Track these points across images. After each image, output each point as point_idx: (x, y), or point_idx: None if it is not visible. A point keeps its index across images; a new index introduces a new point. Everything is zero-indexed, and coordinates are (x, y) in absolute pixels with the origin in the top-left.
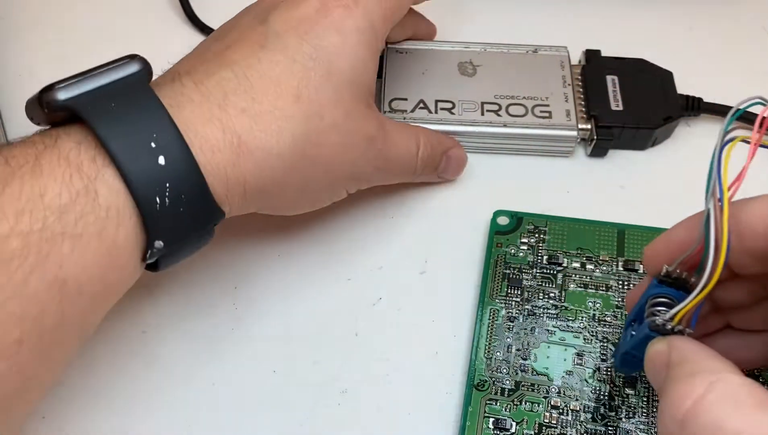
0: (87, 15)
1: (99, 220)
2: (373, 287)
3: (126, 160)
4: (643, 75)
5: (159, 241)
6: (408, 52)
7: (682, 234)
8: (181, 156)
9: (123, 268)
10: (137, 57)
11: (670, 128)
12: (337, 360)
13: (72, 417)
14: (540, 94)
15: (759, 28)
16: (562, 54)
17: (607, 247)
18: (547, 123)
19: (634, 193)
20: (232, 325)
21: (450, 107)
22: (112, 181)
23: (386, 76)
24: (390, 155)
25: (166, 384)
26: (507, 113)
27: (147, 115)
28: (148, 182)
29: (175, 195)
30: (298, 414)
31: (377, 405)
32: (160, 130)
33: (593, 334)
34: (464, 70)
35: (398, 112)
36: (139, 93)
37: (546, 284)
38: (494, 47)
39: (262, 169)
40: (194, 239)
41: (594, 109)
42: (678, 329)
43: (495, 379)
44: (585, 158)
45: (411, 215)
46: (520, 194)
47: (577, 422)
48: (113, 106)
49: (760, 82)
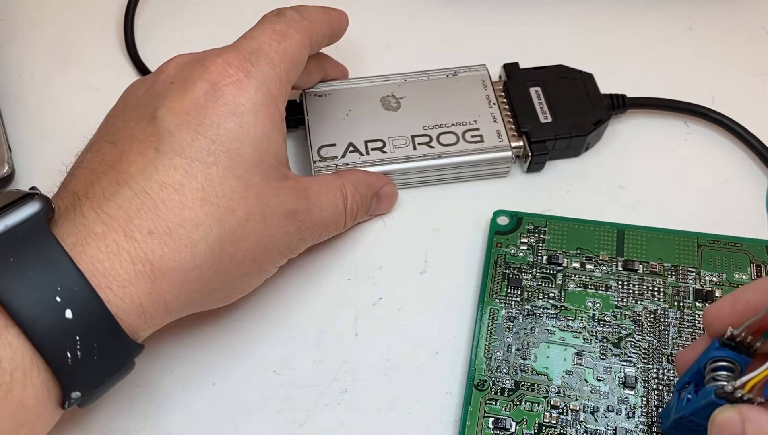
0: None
1: (3, 384)
2: (373, 287)
3: (29, 318)
4: (565, 81)
5: (76, 392)
6: (327, 95)
7: (750, 296)
8: (90, 305)
9: (36, 422)
10: (37, 195)
11: (600, 131)
12: (337, 360)
13: (72, 417)
14: (468, 118)
15: (759, 28)
16: (482, 73)
17: (606, 247)
18: (480, 147)
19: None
20: (232, 325)
21: (381, 146)
22: (15, 341)
23: (309, 124)
24: (315, 220)
25: (166, 384)
26: (439, 143)
27: (49, 267)
28: (55, 338)
29: (87, 346)
30: (298, 414)
31: (377, 405)
32: (65, 281)
33: (593, 334)
34: (388, 105)
35: (328, 160)
36: (40, 240)
37: (546, 284)
38: (413, 76)
39: (181, 286)
40: (114, 379)
41: (524, 125)
42: (748, 398)
43: (495, 379)
44: (522, 175)
45: (411, 215)
46: (520, 194)
47: (576, 422)
48: (11, 260)
49: (761, 82)
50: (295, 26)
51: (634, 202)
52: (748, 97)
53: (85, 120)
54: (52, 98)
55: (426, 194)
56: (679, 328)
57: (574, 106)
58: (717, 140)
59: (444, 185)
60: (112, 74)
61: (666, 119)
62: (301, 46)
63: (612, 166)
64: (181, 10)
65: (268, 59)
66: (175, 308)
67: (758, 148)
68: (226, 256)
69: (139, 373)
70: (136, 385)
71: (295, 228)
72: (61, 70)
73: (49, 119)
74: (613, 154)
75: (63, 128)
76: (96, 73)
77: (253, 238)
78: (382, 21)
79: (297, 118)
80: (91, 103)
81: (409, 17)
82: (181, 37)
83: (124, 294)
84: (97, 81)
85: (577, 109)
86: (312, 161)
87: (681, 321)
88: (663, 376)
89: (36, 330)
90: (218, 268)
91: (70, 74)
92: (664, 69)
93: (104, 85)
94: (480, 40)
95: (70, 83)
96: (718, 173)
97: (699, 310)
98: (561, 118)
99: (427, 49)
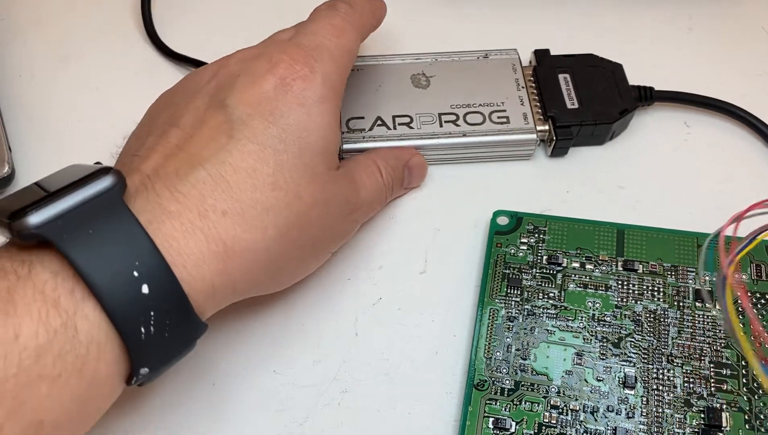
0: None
1: (79, 357)
2: (373, 287)
3: (108, 292)
4: (594, 70)
5: (144, 368)
6: (359, 69)
7: None
8: (166, 282)
9: (103, 397)
10: (110, 170)
11: (626, 120)
12: (337, 360)
13: None
14: (495, 99)
15: (759, 28)
16: (512, 57)
17: (606, 247)
18: (505, 128)
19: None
20: (232, 325)
21: (408, 122)
22: (92, 314)
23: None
24: (363, 200)
25: (166, 384)
26: (465, 122)
27: (127, 241)
28: (131, 313)
29: (160, 322)
30: (298, 414)
31: (377, 405)
32: (142, 256)
33: (593, 334)
34: (418, 83)
35: (356, 132)
36: (116, 214)
37: (545, 284)
38: (445, 56)
39: (250, 267)
40: (178, 357)
41: (551, 110)
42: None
43: (495, 379)
44: (546, 159)
45: (411, 215)
46: (520, 194)
47: (576, 422)
48: (90, 232)
49: (761, 82)
50: (348, 20)
51: (634, 202)
52: (748, 97)
53: (85, 120)
54: (53, 98)
55: (426, 194)
56: (679, 328)
57: (602, 95)
58: (717, 140)
59: (468, 164)
60: (112, 74)
61: (666, 119)
62: (356, 41)
63: (612, 166)
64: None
65: (329, 54)
66: (241, 290)
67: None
68: (291, 241)
69: None
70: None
71: (349, 211)
72: (62, 69)
73: (49, 119)
74: (613, 153)
75: (63, 128)
76: (96, 72)
77: (316, 224)
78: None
79: None
80: (92, 102)
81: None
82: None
83: (197, 273)
84: (98, 80)
85: (604, 97)
86: (341, 132)
87: (681, 321)
88: (663, 376)
89: (113, 304)
90: (283, 252)
91: (70, 74)
92: (664, 69)
93: (104, 84)
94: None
95: (71, 83)
96: (719, 173)
97: (699, 310)
98: (587, 105)
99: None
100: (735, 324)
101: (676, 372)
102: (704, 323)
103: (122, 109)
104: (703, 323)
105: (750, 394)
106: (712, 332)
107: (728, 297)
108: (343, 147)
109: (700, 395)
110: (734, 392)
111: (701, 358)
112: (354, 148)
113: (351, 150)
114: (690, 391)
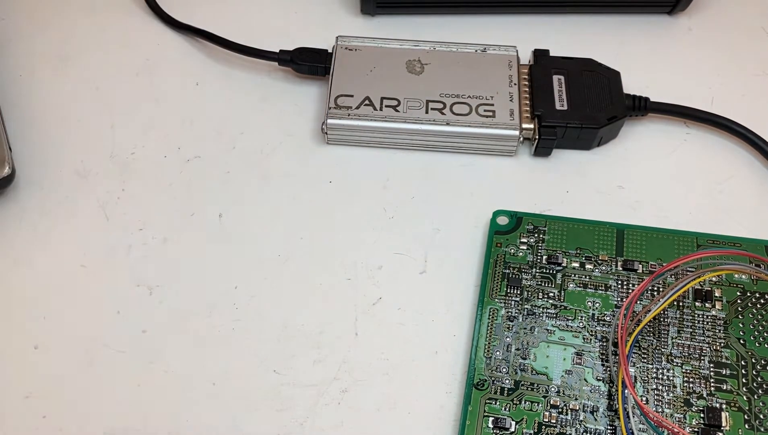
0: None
1: None
2: (373, 287)
3: None
4: (591, 75)
5: None
6: (357, 49)
7: None
8: None
9: None
10: None
11: (615, 128)
12: (337, 360)
13: (72, 416)
14: (485, 93)
15: (759, 28)
16: (510, 53)
17: (606, 247)
18: (489, 122)
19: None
20: (232, 325)
21: (395, 105)
22: None
23: (334, 73)
24: None
25: (166, 384)
26: (451, 112)
27: None
28: None
29: None
30: (298, 414)
31: (377, 405)
32: None
33: (592, 334)
34: (412, 69)
35: (343, 109)
36: None
37: (545, 284)
38: (443, 46)
39: None
40: None
41: (538, 109)
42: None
43: (495, 379)
44: (528, 158)
45: (411, 215)
46: (520, 194)
47: (576, 422)
48: None
49: (761, 82)
50: None
51: (634, 202)
52: (748, 97)
53: (85, 120)
54: (53, 98)
55: (426, 194)
56: (679, 328)
57: (593, 100)
58: (716, 140)
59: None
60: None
61: (666, 120)
62: None
63: (612, 167)
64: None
65: None
66: None
67: (763, 148)
68: None
69: (140, 373)
70: (137, 384)
71: None
72: (62, 69)
73: (49, 119)
74: (614, 154)
75: (63, 128)
76: (96, 72)
77: None
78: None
79: (324, 67)
80: (92, 102)
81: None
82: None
83: None
84: (98, 80)
85: (596, 102)
86: (327, 108)
87: (681, 321)
88: (663, 376)
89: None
90: None
91: (70, 74)
92: (664, 69)
93: (104, 84)
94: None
95: (71, 83)
96: (718, 173)
97: (699, 310)
98: (577, 108)
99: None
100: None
101: (675, 371)
102: (704, 323)
103: (122, 109)
104: (703, 323)
105: (749, 394)
106: (712, 332)
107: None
108: (328, 122)
109: (699, 395)
110: (734, 392)
111: (701, 357)
112: (338, 124)
113: (335, 125)
114: (690, 391)
